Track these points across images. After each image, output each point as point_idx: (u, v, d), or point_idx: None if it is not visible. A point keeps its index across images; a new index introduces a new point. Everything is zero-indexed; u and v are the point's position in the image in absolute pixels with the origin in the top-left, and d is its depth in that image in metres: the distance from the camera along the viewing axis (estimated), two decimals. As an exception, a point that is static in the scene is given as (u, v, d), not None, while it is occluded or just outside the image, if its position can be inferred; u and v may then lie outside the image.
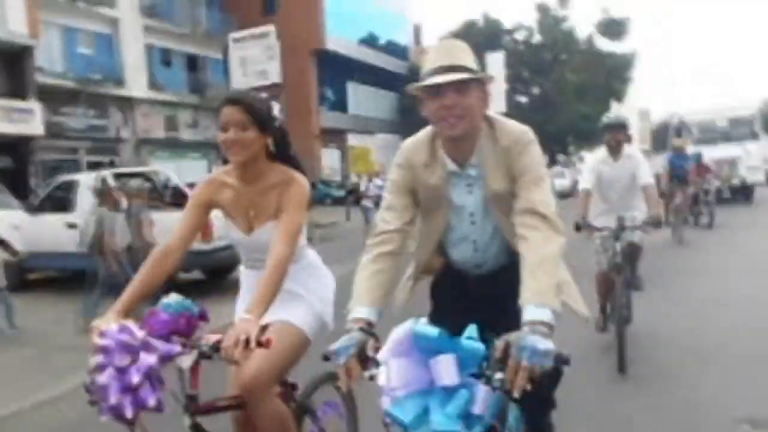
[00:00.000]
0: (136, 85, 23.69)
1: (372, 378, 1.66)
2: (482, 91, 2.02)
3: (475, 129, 2.04)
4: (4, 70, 18.42)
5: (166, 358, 1.94)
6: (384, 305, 1.96)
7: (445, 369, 1.50)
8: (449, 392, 1.51)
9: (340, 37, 31.70)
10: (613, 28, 36.17)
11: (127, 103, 23.40)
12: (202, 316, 2.18)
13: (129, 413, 1.85)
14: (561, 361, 1.60)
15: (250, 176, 2.36)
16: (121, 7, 23.12)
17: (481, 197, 2.12)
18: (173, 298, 2.16)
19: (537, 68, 37.62)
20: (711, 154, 15.92)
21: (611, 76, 36.74)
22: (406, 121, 32.84)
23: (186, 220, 2.38)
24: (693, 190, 12.67)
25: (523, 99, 38.94)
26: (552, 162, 33.81)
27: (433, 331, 1.53)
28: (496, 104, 33.62)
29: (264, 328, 2.25)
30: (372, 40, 36.97)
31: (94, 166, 22.06)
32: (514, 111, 34.63)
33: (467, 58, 1.98)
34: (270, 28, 18.37)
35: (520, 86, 38.34)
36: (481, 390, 1.51)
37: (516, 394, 1.54)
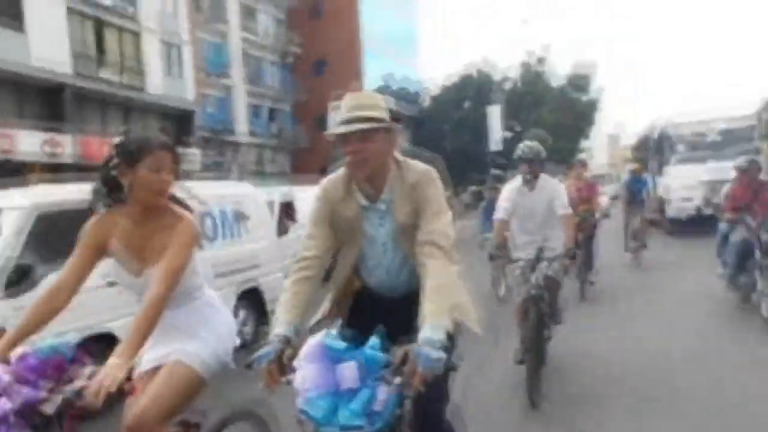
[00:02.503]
0: (241, 133, 32.75)
1: (289, 382, 1.93)
2: (389, 136, 2.26)
3: (383, 169, 2.29)
4: (179, 125, 27.42)
5: (29, 404, 1.88)
6: (302, 322, 2.24)
7: (348, 374, 1.83)
8: (353, 393, 1.83)
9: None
10: (579, 81, 46.33)
11: (235, 146, 32.39)
12: (77, 360, 2.09)
13: None
14: (449, 368, 2.02)
15: (147, 217, 2.36)
16: (234, 77, 32.27)
17: (392, 229, 2.36)
18: (46, 342, 2.09)
19: (519, 109, 47.29)
20: (700, 176, 13.49)
21: (579, 118, 46.64)
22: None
23: (78, 259, 2.33)
24: None
25: (507, 134, 48.49)
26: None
27: (341, 344, 1.90)
28: (494, 144, 43.16)
29: (156, 372, 2.34)
30: (386, 87, 46.36)
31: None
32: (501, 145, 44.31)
33: (374, 108, 2.21)
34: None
35: (505, 123, 47.90)
36: (381, 390, 1.85)
37: (413, 394, 1.91)
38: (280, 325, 2.17)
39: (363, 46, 40.34)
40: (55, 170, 18.26)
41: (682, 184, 14.30)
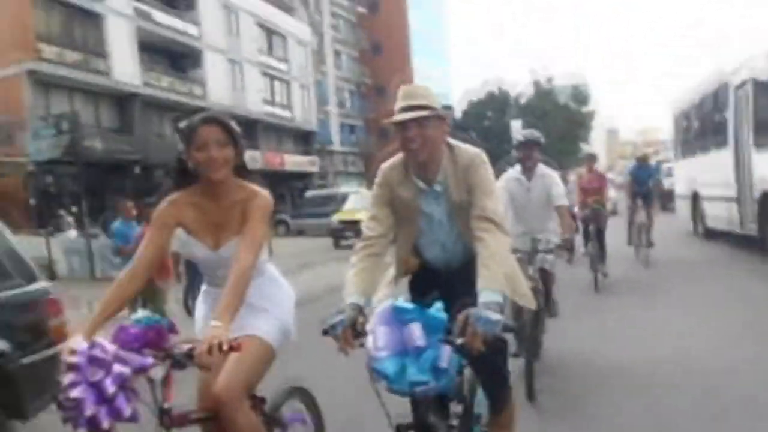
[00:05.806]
0: (335, 144, 45.26)
1: (362, 345, 2.10)
2: (441, 123, 2.47)
3: (438, 154, 2.48)
4: (303, 142, 39.75)
5: (140, 370, 1.99)
6: (370, 295, 2.41)
7: (415, 334, 1.99)
8: (420, 352, 1.98)
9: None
10: (580, 96, 58.67)
11: (331, 154, 44.84)
12: (171, 329, 2.22)
13: (105, 424, 1.93)
14: (507, 329, 2.10)
15: (218, 193, 2.43)
16: (330, 103, 44.79)
17: (447, 208, 2.57)
18: (141, 314, 2.24)
19: (531, 120, 59.01)
20: None
21: (579, 126, 58.82)
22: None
23: (150, 244, 2.41)
24: None
25: (522, 140, 60.15)
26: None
27: (409, 305, 2.06)
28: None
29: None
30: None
31: (318, 187, 43.26)
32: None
33: (427, 98, 2.42)
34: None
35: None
36: (445, 350, 2.02)
37: (474, 352, 2.03)
38: (351, 295, 2.35)
39: (413, 75, 52.67)
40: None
41: None
